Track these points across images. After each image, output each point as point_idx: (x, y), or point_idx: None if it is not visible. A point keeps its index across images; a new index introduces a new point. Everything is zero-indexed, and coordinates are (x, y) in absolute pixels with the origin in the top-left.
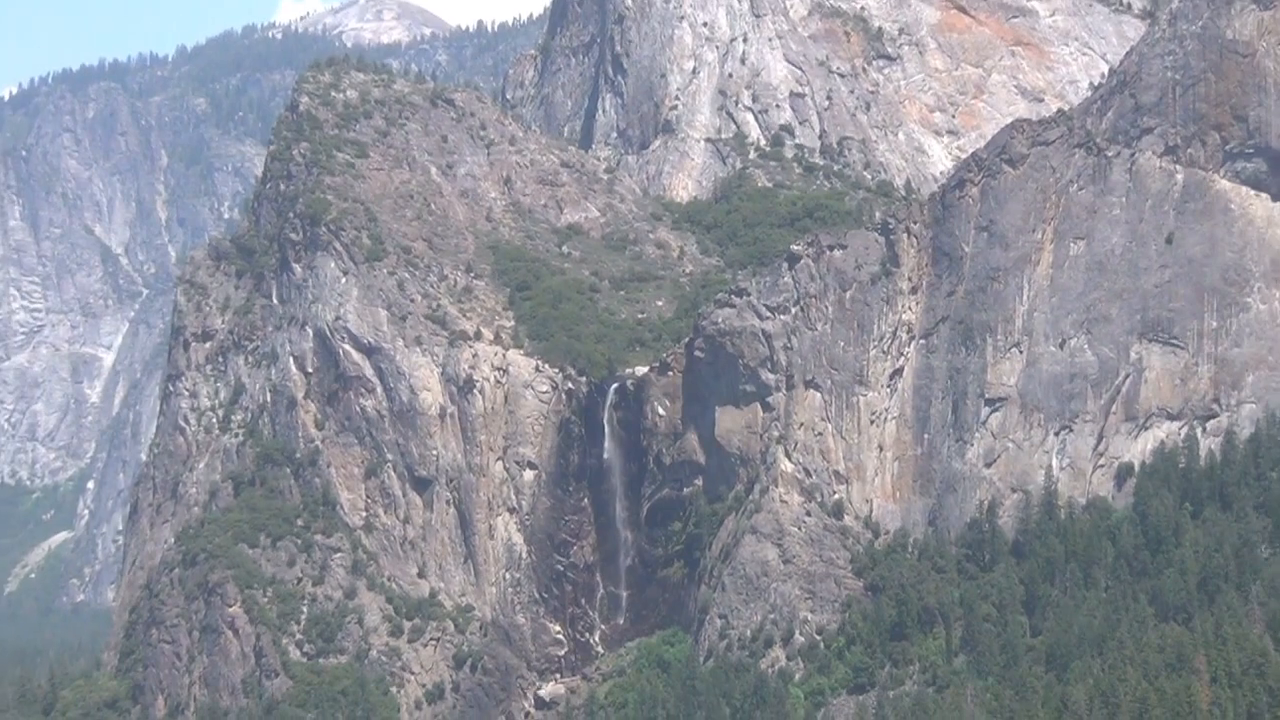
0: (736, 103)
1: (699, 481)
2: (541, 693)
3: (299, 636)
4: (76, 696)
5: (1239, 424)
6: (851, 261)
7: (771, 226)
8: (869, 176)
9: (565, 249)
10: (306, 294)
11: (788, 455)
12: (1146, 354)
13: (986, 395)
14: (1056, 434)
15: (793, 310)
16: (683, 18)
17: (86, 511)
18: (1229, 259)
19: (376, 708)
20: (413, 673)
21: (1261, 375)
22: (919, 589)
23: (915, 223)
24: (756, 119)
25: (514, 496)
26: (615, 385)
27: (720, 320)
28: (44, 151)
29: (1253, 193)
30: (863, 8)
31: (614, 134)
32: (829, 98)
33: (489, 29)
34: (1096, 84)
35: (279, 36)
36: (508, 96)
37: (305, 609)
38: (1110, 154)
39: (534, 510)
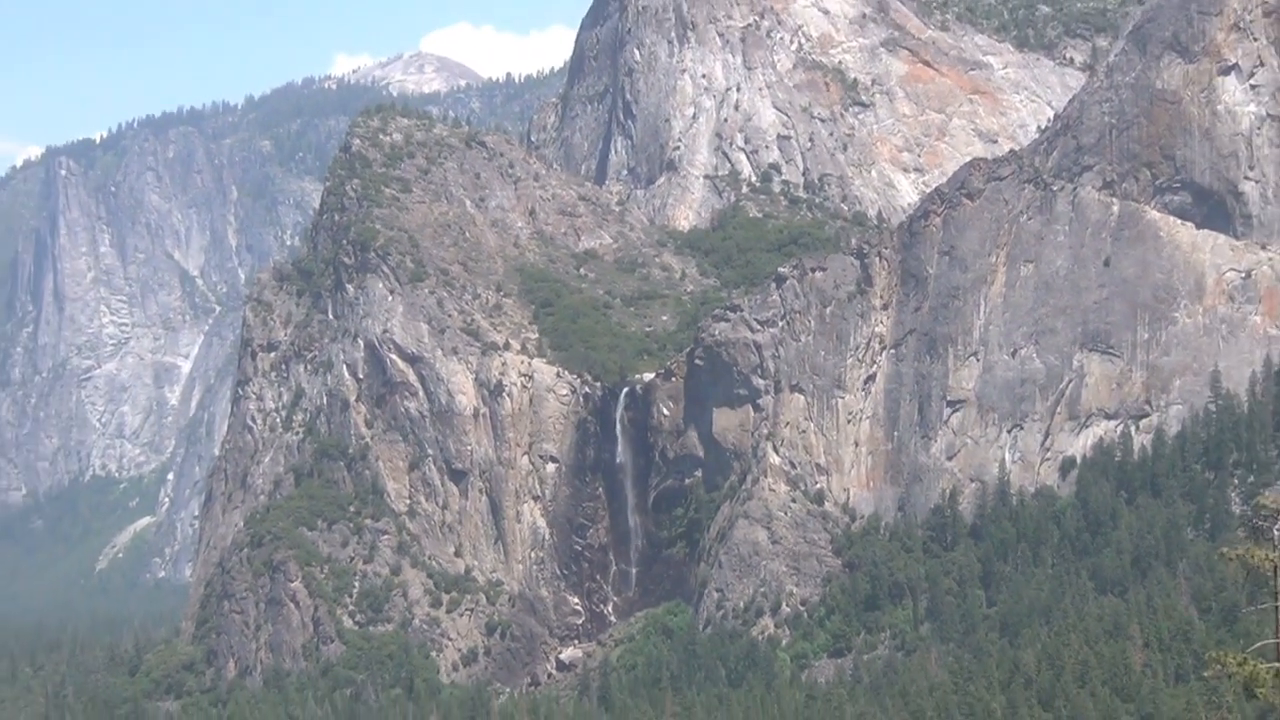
0: (731, 144)
1: (698, 473)
2: (562, 656)
3: (351, 608)
4: (158, 660)
5: (1168, 423)
6: (831, 282)
7: (761, 251)
8: (846, 208)
9: (582, 271)
10: (358, 310)
11: (776, 450)
12: (1087, 362)
13: (948, 398)
14: (1009, 431)
15: (780, 324)
16: (684, 70)
17: (167, 499)
18: (1159, 279)
19: (419, 669)
20: (450, 639)
21: (1187, 380)
22: (889, 566)
23: (886, 248)
24: (748, 158)
25: (538, 486)
26: (626, 389)
27: (717, 333)
28: (130, 187)
29: (1179, 222)
30: (840, 61)
31: (624, 171)
32: (811, 139)
33: (516, 80)
34: (1043, 127)
35: (334, 87)
36: (532, 139)
37: (357, 584)
38: (1055, 188)
39: (555, 498)
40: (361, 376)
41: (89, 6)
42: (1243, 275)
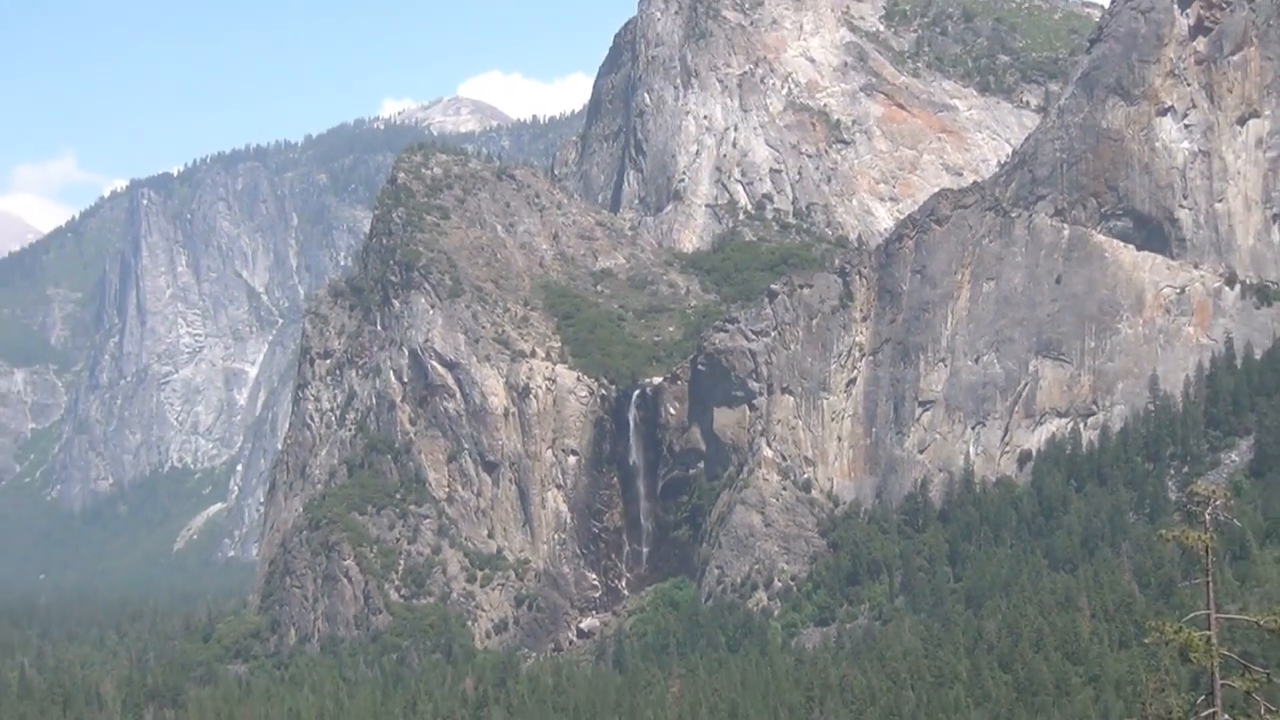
0: (729, 176)
1: (701, 465)
2: (582, 625)
3: (397, 583)
4: (228, 628)
5: (1112, 420)
6: (817, 297)
7: (756, 271)
8: (830, 233)
9: (599, 288)
10: (403, 322)
11: (768, 444)
12: (1041, 367)
13: (919, 399)
14: (973, 428)
15: (772, 334)
16: (688, 112)
17: (235, 488)
18: (1104, 295)
19: (456, 636)
20: (483, 610)
21: (1129, 383)
22: (868, 546)
23: (865, 268)
24: (744, 189)
25: (560, 476)
26: (637, 391)
27: (717, 342)
28: (204, 215)
29: (1121, 244)
30: (825, 104)
31: (636, 200)
32: (799, 173)
33: (541, 121)
34: (1003, 162)
35: (381, 127)
36: (555, 172)
37: (402, 562)
38: (1013, 215)
39: (575, 487)
40: (406, 380)
41: (168, 59)
42: (1178, 291)
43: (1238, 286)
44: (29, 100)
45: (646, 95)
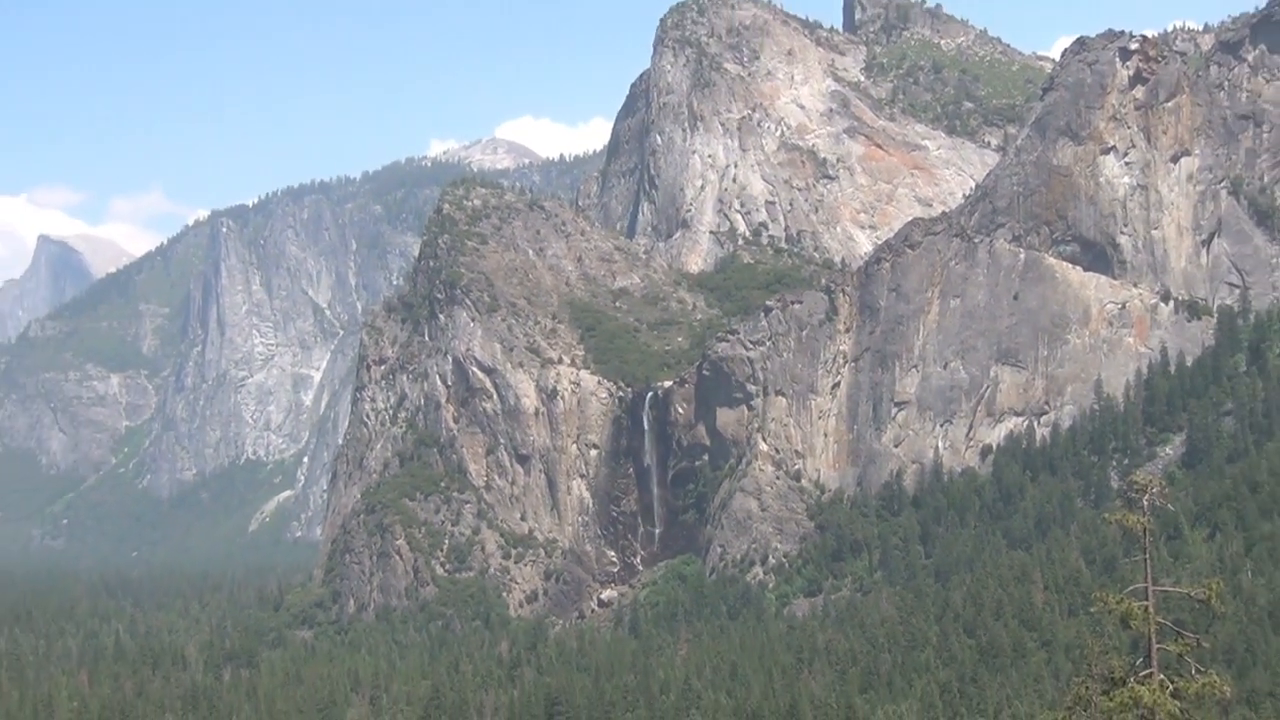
0: (730, 207)
1: (705, 457)
2: (602, 596)
3: (442, 559)
4: (295, 599)
5: (1062, 419)
6: (806, 312)
7: (753, 289)
8: (817, 256)
9: (617, 304)
10: (448, 334)
11: (764, 440)
12: (1000, 372)
13: (895, 400)
14: (941, 425)
15: (767, 344)
16: (694, 152)
17: (302, 477)
18: (1054, 310)
19: (493, 605)
20: (517, 583)
21: (1076, 386)
22: (850, 527)
23: (847, 287)
24: (743, 218)
25: (584, 467)
26: (650, 394)
27: (720, 350)
28: (275, 240)
29: (1070, 266)
30: (813, 144)
31: (649, 228)
32: (790, 204)
33: (567, 159)
34: (967, 194)
35: (429, 165)
36: (579, 203)
37: (446, 541)
38: (976, 241)
39: (597, 476)
40: (450, 384)
41: (243, 104)
42: (1119, 307)
43: (1171, 303)
44: (123, 142)
45: (658, 137)
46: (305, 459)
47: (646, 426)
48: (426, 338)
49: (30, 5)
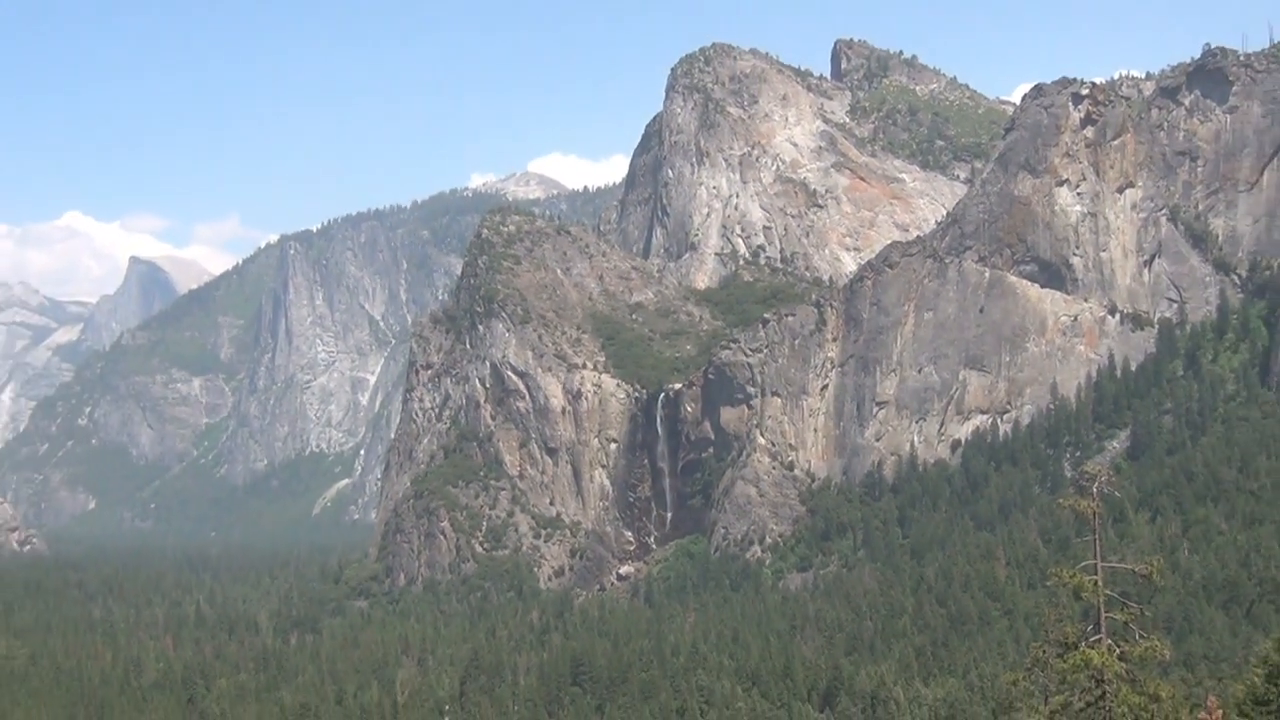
0: (732, 232)
1: (711, 450)
2: (620, 571)
3: (481, 539)
4: (353, 573)
5: (1022, 417)
6: (798, 323)
7: (752, 304)
8: (808, 275)
9: (634, 316)
10: (486, 342)
11: (762, 434)
12: (968, 376)
13: (876, 400)
14: (916, 422)
15: (764, 351)
16: (701, 184)
17: (359, 467)
18: (1015, 322)
19: (525, 579)
20: (546, 559)
21: (1034, 389)
22: (837, 511)
23: (835, 301)
24: (743, 241)
25: (604, 458)
26: (662, 395)
27: (723, 357)
28: (336, 261)
29: (1029, 284)
30: (805, 177)
31: (662, 250)
32: (785, 229)
33: (590, 190)
34: (939, 221)
35: (470, 195)
36: (601, 229)
37: (484, 523)
38: (947, 261)
39: (615, 466)
40: (488, 386)
41: (308, 142)
42: (1071, 319)
43: (1117, 315)
44: (204, 175)
45: (670, 171)
46: (362, 451)
47: (659, 423)
48: (468, 346)
49: (123, 56)
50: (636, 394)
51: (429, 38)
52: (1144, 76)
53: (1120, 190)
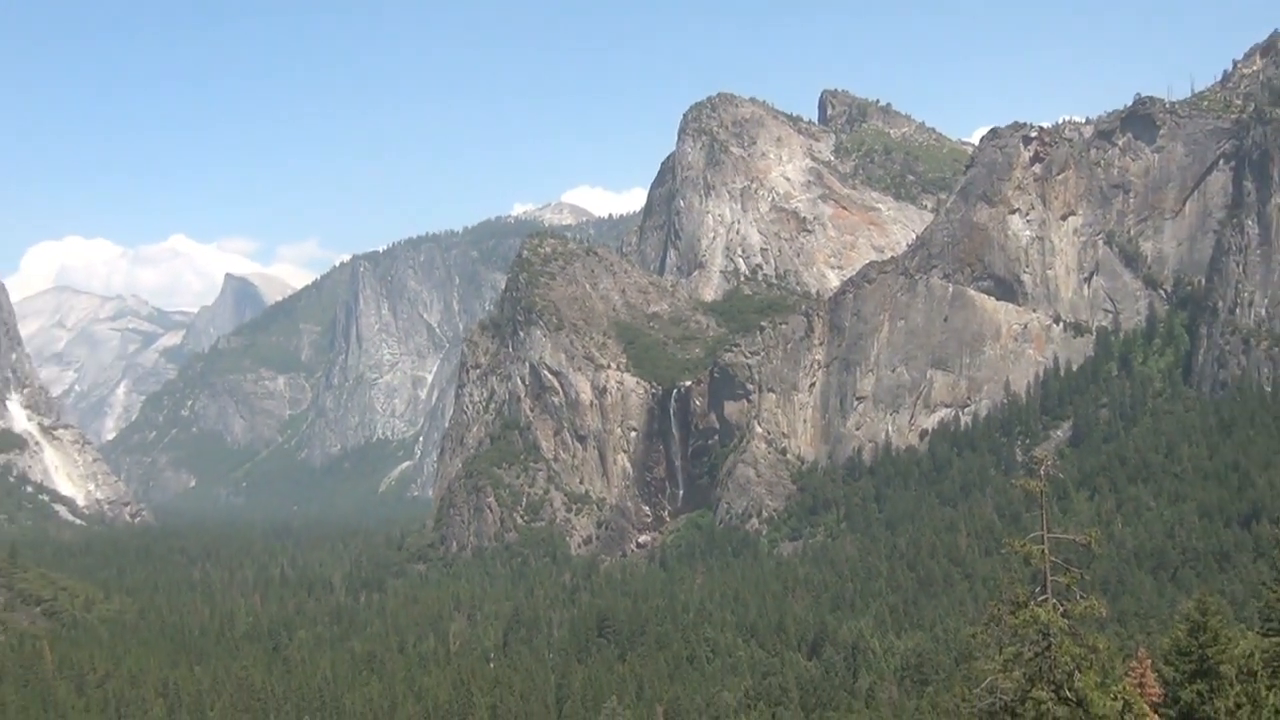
0: (734, 253)
1: (716, 437)
2: (639, 540)
3: (521, 512)
4: (413, 541)
5: (980, 410)
6: (790, 330)
7: (751, 313)
8: (798, 289)
9: (651, 324)
10: (526, 346)
11: (759, 424)
12: (934, 375)
13: (856, 395)
14: (890, 414)
15: (761, 354)
16: (708, 212)
17: (418, 451)
18: (974, 329)
19: (559, 547)
20: (576, 530)
21: (990, 386)
22: (823, 490)
23: (821, 312)
24: (744, 261)
25: (626, 444)
26: (675, 390)
27: (727, 359)
28: (399, 277)
29: (986, 297)
30: (795, 207)
31: (674, 268)
32: (779, 251)
33: (614, 217)
34: (910, 244)
35: (513, 221)
36: (623, 250)
37: (524, 499)
38: (917, 278)
39: (635, 451)
40: (527, 383)
41: (375, 177)
42: (1022, 327)
43: (1061, 324)
44: (287, 204)
45: (681, 201)
46: (420, 438)
47: (672, 415)
48: (510, 349)
49: (222, 109)
50: (653, 390)
51: (479, 94)
52: (1084, 121)
53: (1064, 218)
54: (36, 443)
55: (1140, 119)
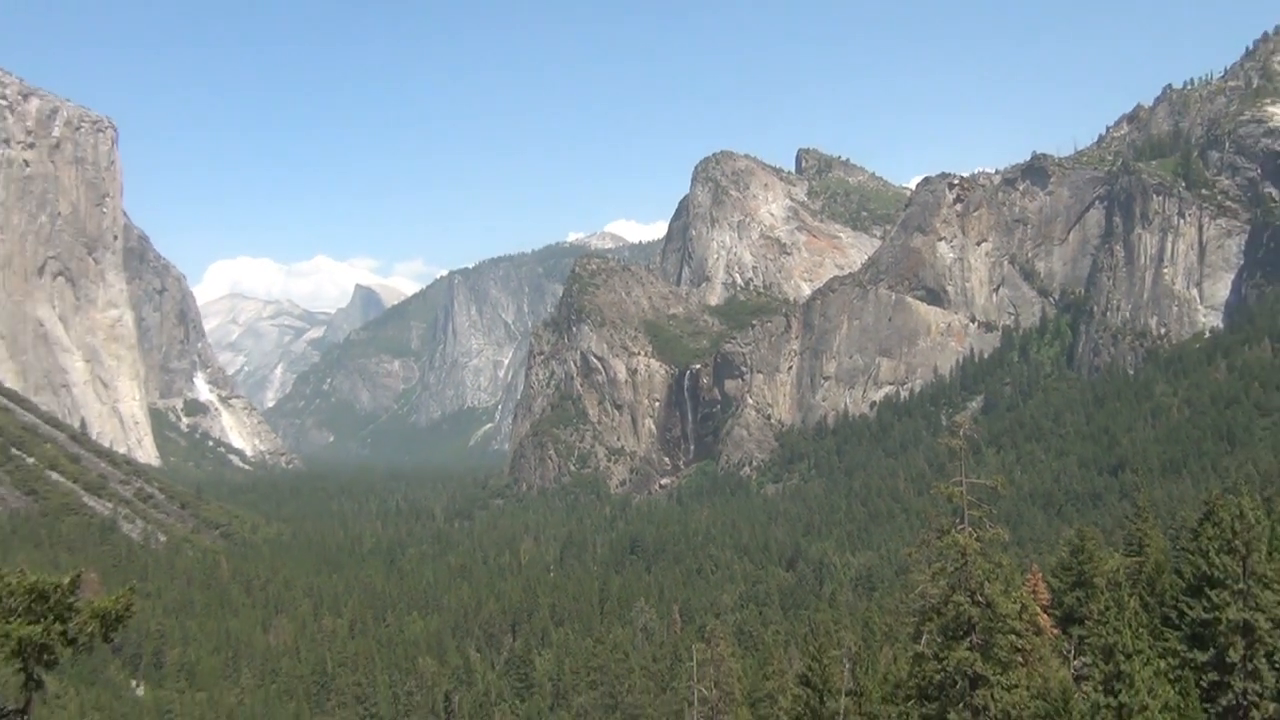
0: (732, 270)
1: (718, 407)
2: (662, 483)
3: (574, 461)
4: (494, 483)
5: (915, 388)
6: (774, 327)
7: (745, 315)
8: (780, 297)
9: (670, 323)
10: (578, 339)
11: (750, 398)
12: (881, 361)
13: (823, 375)
14: (848, 390)
15: (752, 345)
16: (713, 240)
17: (498, 416)
18: (911, 327)
19: (601, 487)
20: (614, 475)
21: (923, 369)
22: (798, 446)
23: (797, 314)
24: (739, 276)
25: (652, 411)
26: (688, 372)
27: (727, 349)
28: (485, 289)
29: (920, 303)
30: (778, 235)
31: (688, 281)
32: (765, 268)
33: (644, 243)
34: (863, 263)
35: (568, 245)
36: (650, 268)
37: (576, 452)
38: (868, 289)
39: (659, 416)
40: (578, 366)
41: (467, 209)
42: (946, 325)
43: (976, 323)
44: (402, 231)
45: (693, 231)
46: (499, 407)
47: (685, 390)
48: (566, 341)
49: (351, 153)
50: (672, 371)
51: (546, 150)
52: (994, 171)
53: (978, 244)
54: (216, 409)
55: (1036, 170)
